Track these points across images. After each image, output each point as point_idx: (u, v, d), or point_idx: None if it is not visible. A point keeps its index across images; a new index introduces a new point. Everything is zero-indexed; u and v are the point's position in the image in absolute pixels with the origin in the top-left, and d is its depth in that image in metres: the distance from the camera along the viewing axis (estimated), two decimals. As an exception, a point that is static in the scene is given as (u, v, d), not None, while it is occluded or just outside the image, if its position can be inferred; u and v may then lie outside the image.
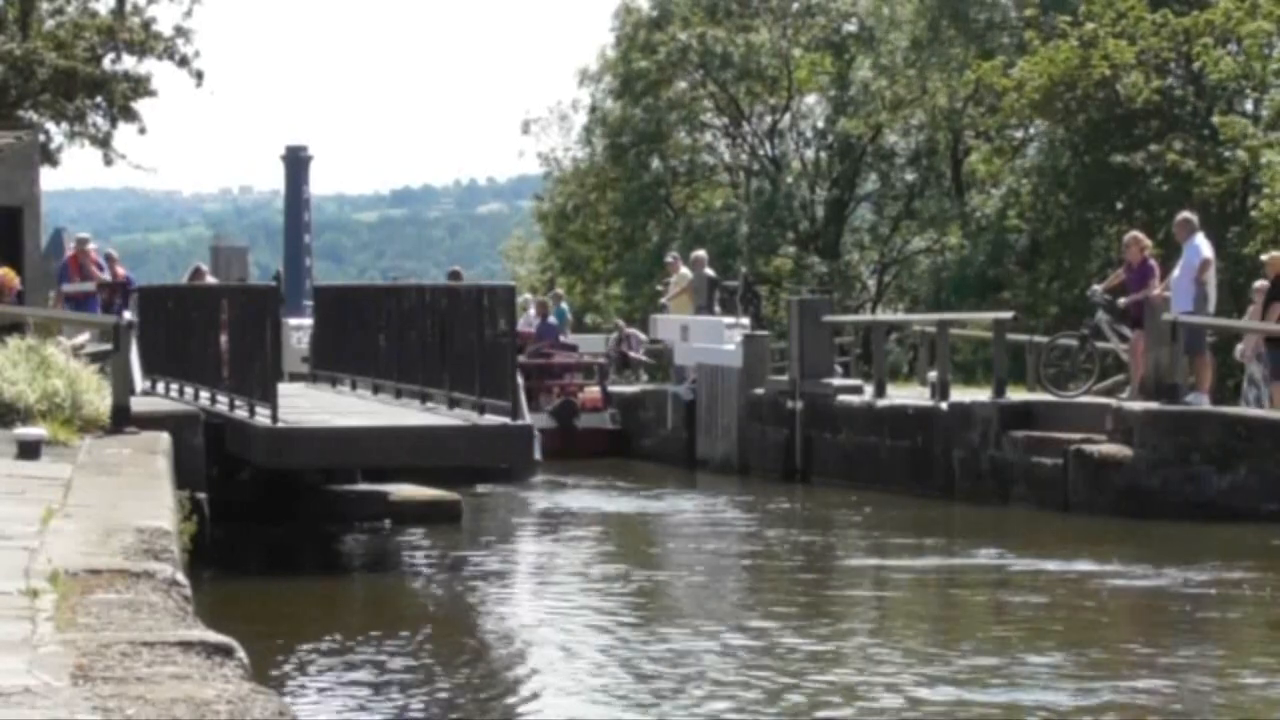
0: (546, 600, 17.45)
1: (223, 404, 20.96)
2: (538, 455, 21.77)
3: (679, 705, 12.57)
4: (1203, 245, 23.21)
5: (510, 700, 12.88)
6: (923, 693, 12.78)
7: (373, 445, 19.40)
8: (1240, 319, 29.70)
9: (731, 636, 15.11)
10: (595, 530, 23.42)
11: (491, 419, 19.12)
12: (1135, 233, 25.36)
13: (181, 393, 22.84)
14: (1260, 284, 24.94)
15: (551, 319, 34.99)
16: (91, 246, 27.36)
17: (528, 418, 19.78)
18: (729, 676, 13.47)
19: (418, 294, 22.79)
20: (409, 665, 14.02)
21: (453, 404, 20.31)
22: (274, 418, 18.69)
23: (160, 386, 23.76)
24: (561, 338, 34.62)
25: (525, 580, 18.71)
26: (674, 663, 13.98)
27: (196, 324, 23.33)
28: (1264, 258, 24.61)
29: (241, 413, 20.06)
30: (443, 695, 12.92)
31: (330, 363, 25.61)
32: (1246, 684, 13.11)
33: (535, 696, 12.98)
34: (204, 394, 21.96)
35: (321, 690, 13.13)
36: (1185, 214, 24.26)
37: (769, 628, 15.50)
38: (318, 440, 19.23)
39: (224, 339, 21.65)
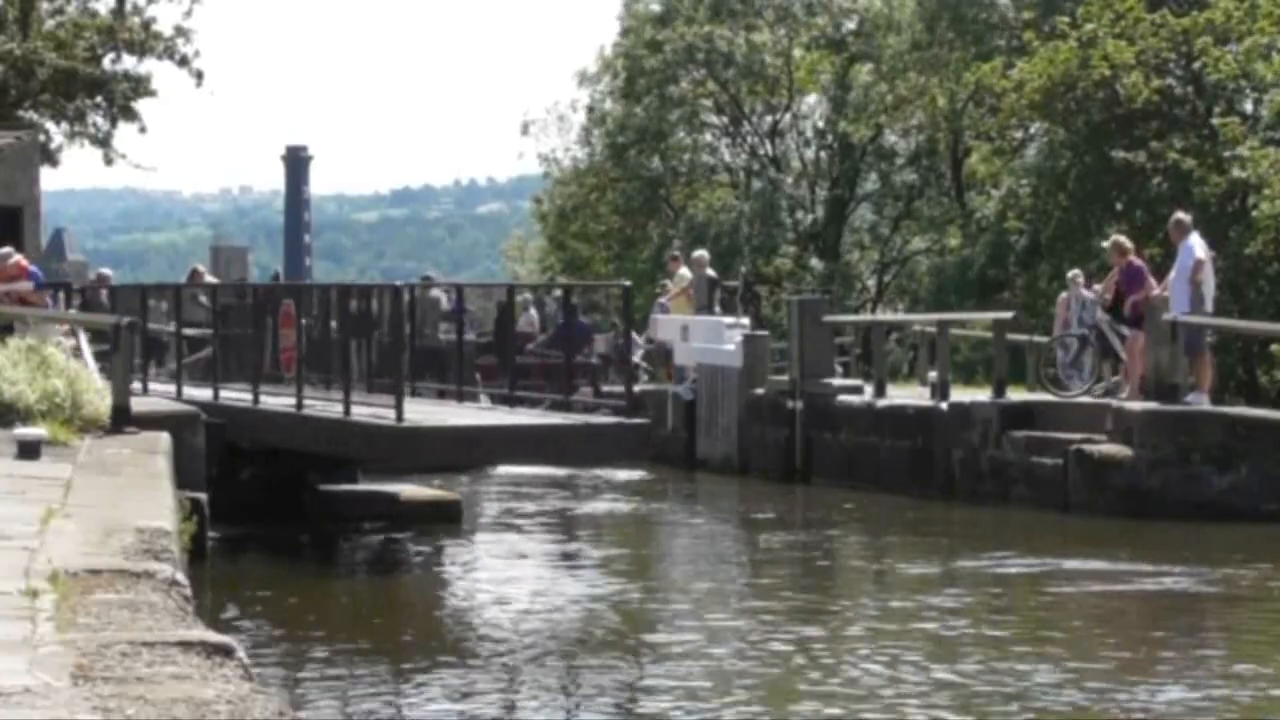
0: (547, 601, 17.44)
1: (273, 402, 21.14)
2: None
3: (679, 706, 12.56)
4: (1196, 246, 23.22)
5: (510, 700, 12.88)
6: (924, 696, 12.78)
7: (496, 444, 19.52)
8: (1241, 320, 29.75)
9: (733, 637, 15.11)
10: (595, 531, 23.41)
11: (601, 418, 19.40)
12: (1117, 237, 25.46)
13: (179, 393, 22.84)
14: (1074, 272, 27.92)
15: (584, 319, 34.97)
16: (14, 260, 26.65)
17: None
18: (730, 678, 13.46)
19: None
20: (409, 665, 14.02)
21: (514, 402, 20.57)
22: (399, 416, 18.65)
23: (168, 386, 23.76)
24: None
25: (525, 581, 18.70)
26: (674, 663, 13.98)
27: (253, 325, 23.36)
28: (1105, 244, 26.63)
29: (322, 410, 20.04)
30: (443, 695, 12.92)
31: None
32: (1249, 685, 13.11)
33: (536, 696, 12.99)
34: (232, 391, 22.13)
35: (321, 690, 13.12)
36: (1179, 215, 24.29)
37: (770, 629, 15.50)
38: (444, 439, 19.20)
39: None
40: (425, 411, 20.30)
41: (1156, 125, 35.37)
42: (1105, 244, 26.24)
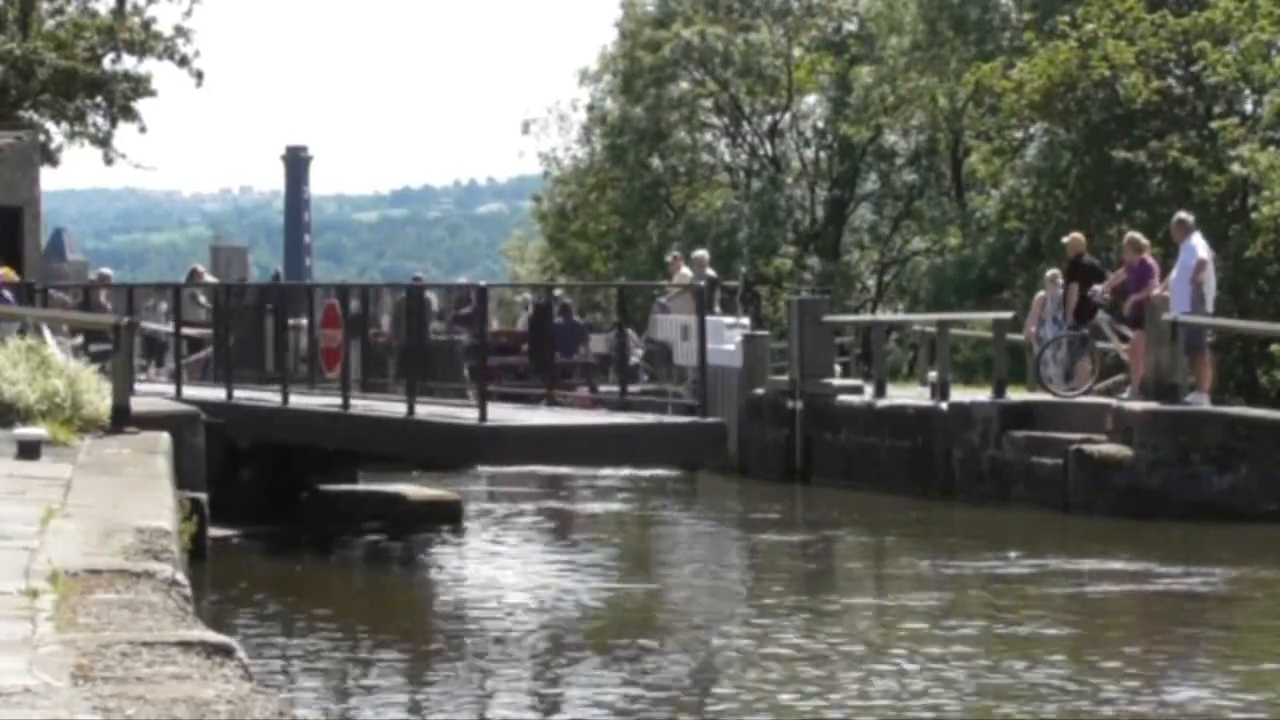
0: (547, 601, 17.45)
1: (309, 402, 21.36)
2: None
3: (679, 706, 12.56)
4: (1199, 246, 23.22)
5: (510, 700, 12.87)
6: (925, 696, 12.77)
7: (579, 444, 19.60)
8: (1241, 320, 29.74)
9: (733, 638, 15.11)
10: (595, 531, 23.42)
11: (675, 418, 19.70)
12: (1133, 234, 25.45)
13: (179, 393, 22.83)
14: (1052, 272, 27.35)
15: (579, 319, 34.96)
16: None
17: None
18: (731, 678, 13.46)
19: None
20: (409, 665, 14.02)
21: (551, 402, 20.78)
22: (482, 416, 18.69)
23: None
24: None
25: (525, 581, 18.71)
26: (674, 664, 13.97)
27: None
28: (1064, 239, 26.75)
29: (366, 410, 20.20)
30: (443, 695, 12.92)
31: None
32: (1251, 685, 13.10)
33: (536, 696, 12.98)
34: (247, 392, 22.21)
35: (321, 690, 13.13)
36: (1181, 215, 24.30)
37: (770, 629, 15.50)
38: (528, 439, 19.26)
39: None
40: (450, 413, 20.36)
41: (1156, 125, 35.36)
42: (1067, 239, 26.46)
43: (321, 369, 21.96)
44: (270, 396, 22.03)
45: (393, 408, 20.20)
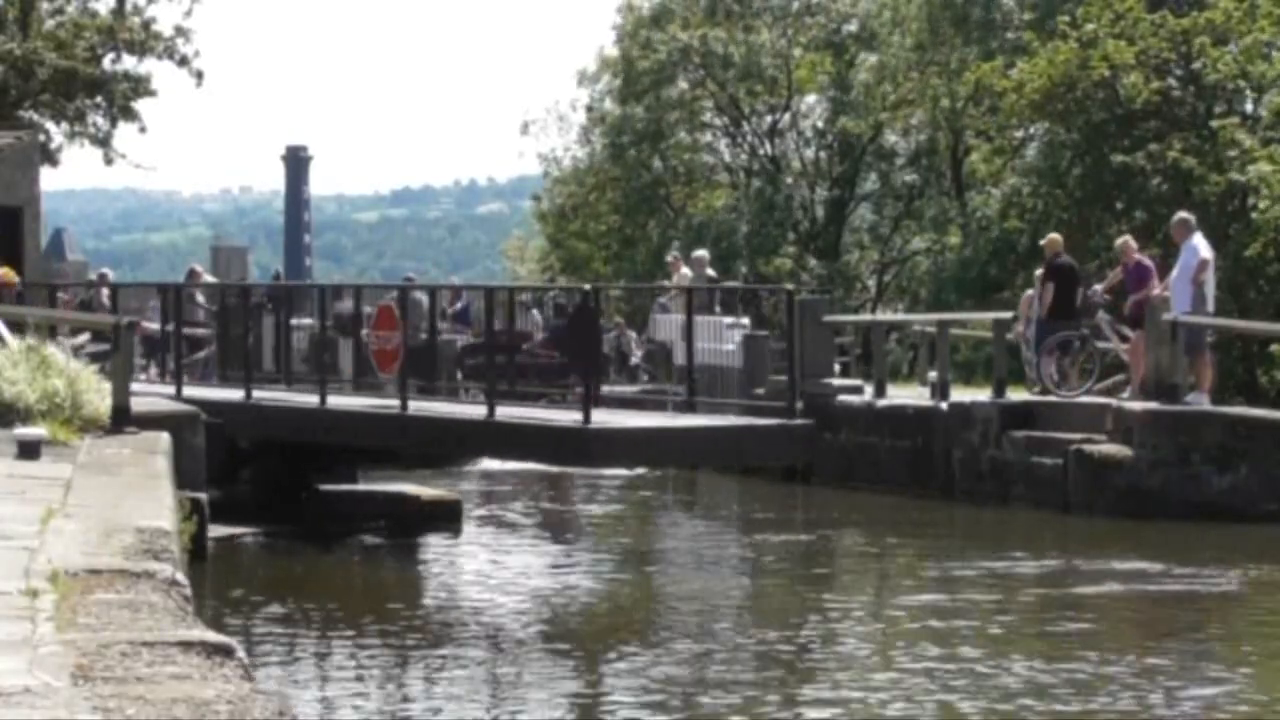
0: (547, 600, 17.44)
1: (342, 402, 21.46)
2: None
3: (679, 710, 12.55)
4: (1200, 245, 23.21)
5: (511, 700, 12.87)
6: (927, 696, 12.77)
7: (680, 445, 19.74)
8: (1241, 320, 29.73)
9: (732, 639, 15.11)
10: (595, 531, 23.42)
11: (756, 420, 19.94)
12: (1127, 237, 25.56)
13: (179, 392, 22.83)
14: (1039, 272, 26.83)
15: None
16: None
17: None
18: (731, 679, 13.46)
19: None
20: (409, 665, 14.02)
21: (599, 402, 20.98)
22: (586, 418, 18.72)
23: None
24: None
25: (525, 580, 18.70)
26: (673, 663, 13.97)
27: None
28: (1042, 241, 26.94)
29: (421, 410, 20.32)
30: (444, 696, 12.92)
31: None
32: (1252, 686, 13.10)
33: (538, 696, 12.98)
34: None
35: (322, 690, 13.13)
36: (1182, 214, 24.29)
37: (770, 628, 15.50)
38: (632, 440, 19.33)
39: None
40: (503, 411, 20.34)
41: (1156, 125, 35.36)
42: (1044, 240, 26.48)
43: (375, 370, 21.93)
44: (288, 397, 22.08)
45: (456, 409, 20.24)
